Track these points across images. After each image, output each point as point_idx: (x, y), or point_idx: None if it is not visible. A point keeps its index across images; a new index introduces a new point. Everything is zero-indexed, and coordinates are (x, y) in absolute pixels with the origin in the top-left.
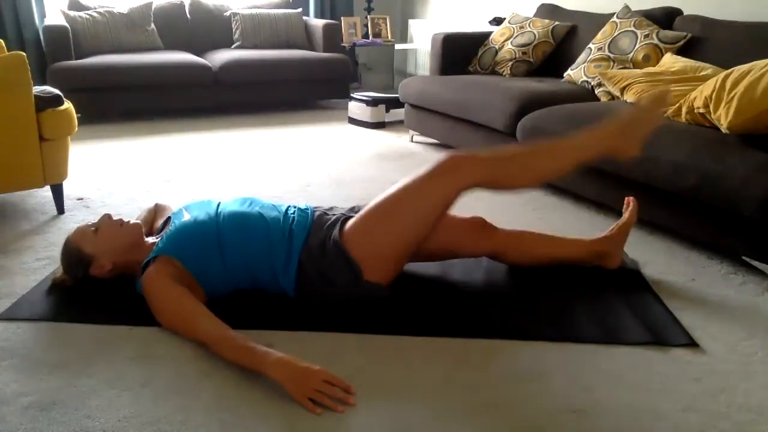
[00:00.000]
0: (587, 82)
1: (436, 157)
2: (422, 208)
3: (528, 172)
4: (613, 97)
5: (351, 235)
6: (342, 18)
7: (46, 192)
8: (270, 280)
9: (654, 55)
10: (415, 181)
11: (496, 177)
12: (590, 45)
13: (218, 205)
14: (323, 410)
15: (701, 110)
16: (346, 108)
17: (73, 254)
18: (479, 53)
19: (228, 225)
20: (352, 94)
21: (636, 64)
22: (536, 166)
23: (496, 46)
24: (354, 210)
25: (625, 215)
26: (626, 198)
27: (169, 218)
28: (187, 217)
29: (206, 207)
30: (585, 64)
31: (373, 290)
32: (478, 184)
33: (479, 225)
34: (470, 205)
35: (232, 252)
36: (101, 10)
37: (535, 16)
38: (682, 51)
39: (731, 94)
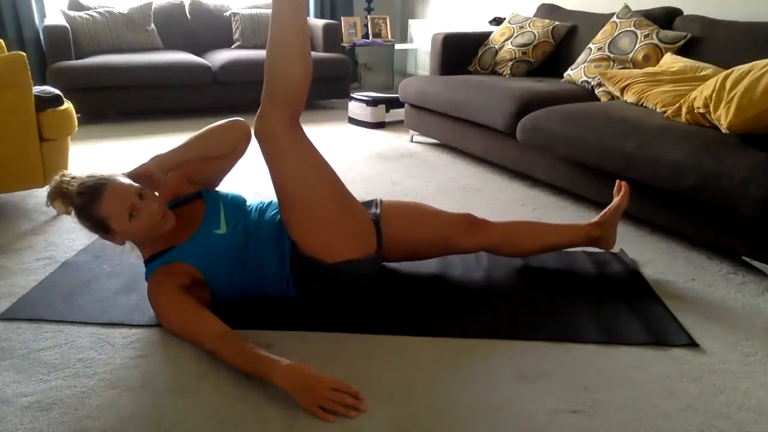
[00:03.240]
0: (587, 82)
1: (435, 156)
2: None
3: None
4: (613, 97)
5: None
6: (342, 18)
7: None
8: (278, 287)
9: (654, 55)
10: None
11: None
12: (590, 45)
13: (247, 216)
14: (335, 418)
15: (701, 110)
16: (346, 108)
17: (97, 220)
18: (479, 53)
19: (253, 245)
20: (352, 94)
21: (636, 64)
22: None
23: (496, 46)
24: None
25: (617, 199)
26: (618, 181)
27: (200, 196)
28: (222, 228)
29: (239, 214)
30: (585, 64)
31: (351, 269)
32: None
33: (468, 222)
34: (471, 202)
35: (251, 269)
36: (101, 10)
37: (535, 16)
38: (682, 51)
39: (731, 94)
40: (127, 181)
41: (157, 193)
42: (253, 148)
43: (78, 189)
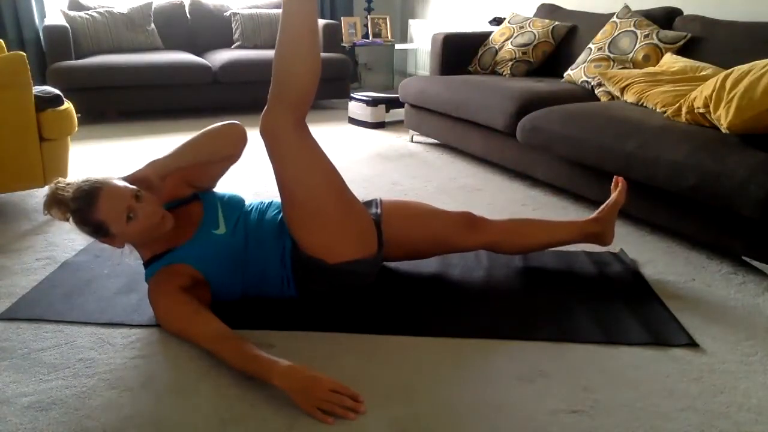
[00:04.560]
0: (587, 82)
1: (435, 156)
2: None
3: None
4: (613, 97)
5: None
6: (342, 18)
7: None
8: (278, 288)
9: (654, 55)
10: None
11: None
12: (590, 45)
13: (246, 216)
14: (335, 420)
15: (701, 110)
16: (346, 108)
17: (95, 224)
18: (479, 53)
19: (253, 245)
20: (352, 94)
21: (636, 64)
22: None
23: (496, 46)
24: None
25: (614, 195)
26: (615, 177)
27: (197, 198)
28: (222, 228)
29: (238, 216)
30: (585, 64)
31: (355, 268)
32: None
33: (467, 220)
34: (471, 202)
35: (252, 269)
36: (101, 10)
37: (535, 16)
38: (682, 51)
39: (731, 94)
40: (123, 183)
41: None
42: (254, 147)
43: (74, 194)
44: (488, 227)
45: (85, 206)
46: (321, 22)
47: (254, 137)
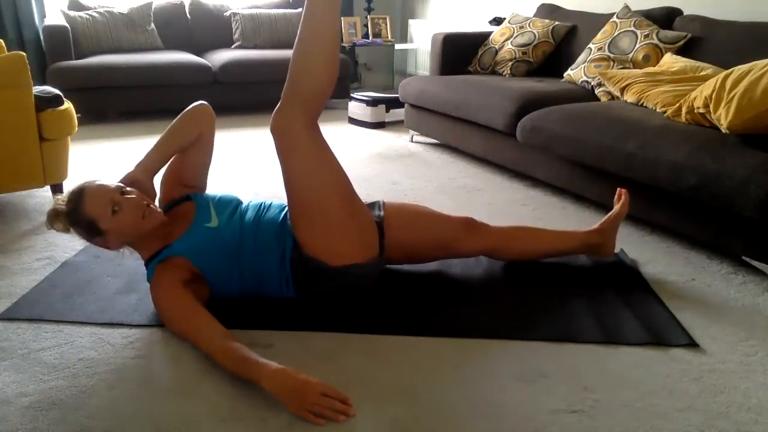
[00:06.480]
0: (587, 82)
1: (435, 156)
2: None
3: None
4: (613, 97)
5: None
6: (342, 18)
7: (46, 192)
8: (276, 288)
9: (654, 55)
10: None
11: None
12: (590, 45)
13: (242, 213)
14: (325, 421)
15: (701, 110)
16: (346, 108)
17: (85, 222)
18: (479, 53)
19: (249, 241)
20: (352, 94)
21: (636, 64)
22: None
23: (496, 46)
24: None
25: (617, 207)
26: (618, 189)
27: (189, 199)
28: (214, 221)
29: (232, 211)
30: (585, 64)
31: (357, 271)
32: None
33: (468, 225)
34: (471, 202)
35: (249, 267)
36: (101, 10)
37: (535, 16)
38: (682, 51)
39: (731, 94)
40: (109, 182)
41: (146, 197)
42: (255, 147)
43: (65, 199)
44: (488, 232)
45: (74, 208)
46: None
47: (258, 137)
